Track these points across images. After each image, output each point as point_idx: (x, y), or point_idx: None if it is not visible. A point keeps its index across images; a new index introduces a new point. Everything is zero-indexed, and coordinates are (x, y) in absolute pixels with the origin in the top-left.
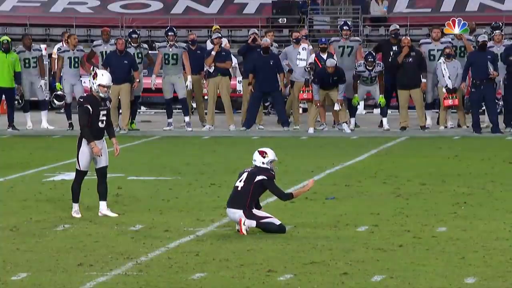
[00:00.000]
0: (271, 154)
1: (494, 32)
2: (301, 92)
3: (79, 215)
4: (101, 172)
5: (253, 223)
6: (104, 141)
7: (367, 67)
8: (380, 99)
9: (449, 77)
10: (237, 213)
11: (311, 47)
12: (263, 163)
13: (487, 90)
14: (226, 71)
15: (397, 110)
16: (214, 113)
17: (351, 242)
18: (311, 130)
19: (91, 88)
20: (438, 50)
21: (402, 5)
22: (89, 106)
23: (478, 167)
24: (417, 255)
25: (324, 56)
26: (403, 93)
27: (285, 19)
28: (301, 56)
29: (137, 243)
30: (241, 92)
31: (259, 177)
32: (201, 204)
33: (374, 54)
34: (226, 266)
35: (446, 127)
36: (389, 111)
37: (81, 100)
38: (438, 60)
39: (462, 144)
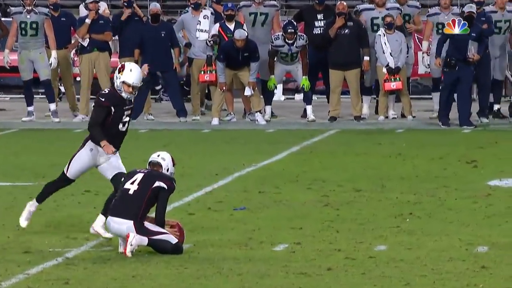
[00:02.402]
0: (174, 168)
1: None
2: (202, 72)
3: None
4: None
5: (144, 240)
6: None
7: (287, 40)
8: (304, 81)
9: (390, 53)
10: (125, 225)
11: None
12: (167, 170)
13: (463, 73)
14: (105, 44)
15: (325, 96)
16: (89, 99)
17: (267, 264)
18: (215, 121)
19: (113, 83)
20: (382, 19)
21: None
22: (112, 108)
23: (426, 169)
24: (350, 281)
25: (231, 26)
26: (335, 74)
27: None
28: (202, 27)
29: None
30: None
31: (158, 183)
32: (71, 217)
33: (295, 23)
34: None
35: (387, 117)
36: (314, 97)
37: (102, 99)
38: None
39: (407, 139)
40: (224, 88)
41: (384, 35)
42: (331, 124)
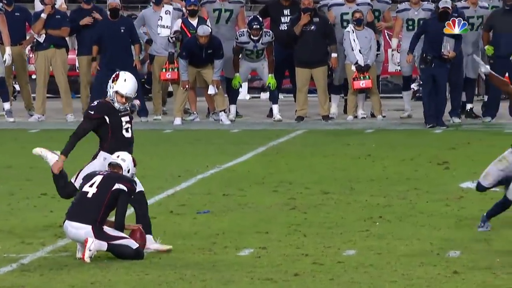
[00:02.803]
0: (135, 169)
1: None
2: (164, 70)
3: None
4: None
5: (103, 245)
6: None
7: (252, 36)
8: (269, 79)
9: (359, 50)
10: (83, 230)
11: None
12: (128, 171)
13: (438, 71)
14: (62, 41)
15: (292, 95)
16: (46, 98)
17: (231, 270)
18: (177, 120)
19: (106, 92)
20: (352, 14)
21: None
22: (106, 117)
23: (397, 170)
24: (318, 287)
25: (194, 22)
26: (302, 72)
27: None
28: (164, 22)
29: None
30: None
31: (118, 185)
32: (27, 221)
33: (260, 19)
34: None
35: (356, 116)
36: (281, 96)
37: (91, 112)
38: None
39: (376, 139)
40: (187, 86)
41: (353, 32)
42: (298, 124)
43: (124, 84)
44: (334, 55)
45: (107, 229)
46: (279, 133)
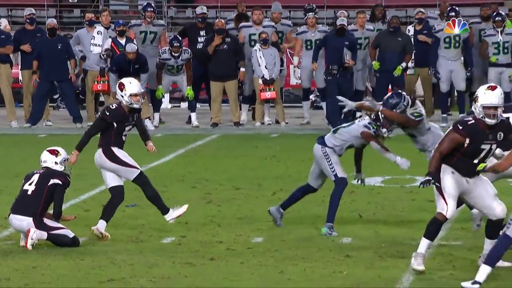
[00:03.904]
0: (63, 152)
1: (308, 14)
2: (96, 82)
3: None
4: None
5: (43, 234)
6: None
7: (173, 53)
8: (188, 91)
9: (265, 66)
10: (25, 221)
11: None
12: (55, 163)
13: (342, 80)
14: (7, 57)
15: (208, 104)
16: None
17: (156, 255)
18: None
19: (120, 101)
20: (259, 35)
21: None
22: (114, 123)
23: (298, 169)
24: (231, 270)
25: (122, 41)
26: (216, 85)
27: None
28: (96, 41)
29: None
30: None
31: (53, 180)
32: None
33: (180, 39)
34: (7, 287)
35: (263, 123)
36: (198, 105)
37: (107, 113)
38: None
39: (280, 142)
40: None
41: (260, 50)
42: (213, 129)
43: (132, 85)
44: (242, 69)
45: (47, 221)
46: (197, 137)
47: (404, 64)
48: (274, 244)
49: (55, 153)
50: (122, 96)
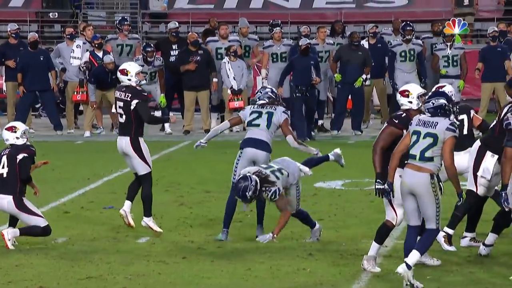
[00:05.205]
0: (21, 125)
1: (274, 29)
2: (75, 92)
3: None
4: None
5: (16, 232)
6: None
7: (148, 58)
8: (161, 98)
9: (234, 77)
10: (5, 199)
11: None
12: (17, 138)
13: (309, 97)
14: None
15: (180, 113)
16: None
17: (132, 254)
18: (87, 133)
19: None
20: (225, 49)
21: (184, 0)
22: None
23: None
24: (201, 267)
25: (100, 54)
26: (189, 94)
27: (56, 14)
28: (75, 54)
29: None
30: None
31: (20, 155)
32: None
33: (152, 45)
34: None
35: (231, 130)
36: (171, 113)
37: (145, 94)
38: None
39: None
40: (94, 106)
41: (228, 62)
42: (185, 136)
43: (132, 66)
44: (215, 80)
45: (26, 202)
46: (170, 144)
47: (364, 76)
48: (242, 243)
49: (13, 129)
50: (130, 79)
